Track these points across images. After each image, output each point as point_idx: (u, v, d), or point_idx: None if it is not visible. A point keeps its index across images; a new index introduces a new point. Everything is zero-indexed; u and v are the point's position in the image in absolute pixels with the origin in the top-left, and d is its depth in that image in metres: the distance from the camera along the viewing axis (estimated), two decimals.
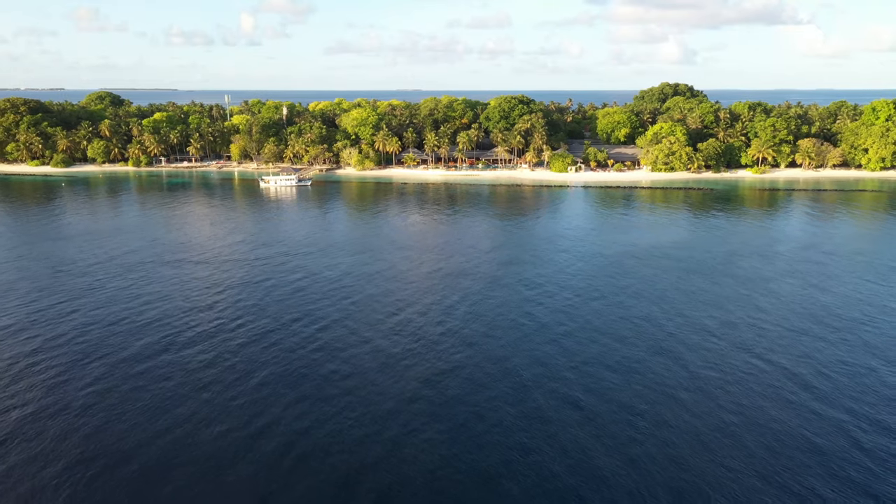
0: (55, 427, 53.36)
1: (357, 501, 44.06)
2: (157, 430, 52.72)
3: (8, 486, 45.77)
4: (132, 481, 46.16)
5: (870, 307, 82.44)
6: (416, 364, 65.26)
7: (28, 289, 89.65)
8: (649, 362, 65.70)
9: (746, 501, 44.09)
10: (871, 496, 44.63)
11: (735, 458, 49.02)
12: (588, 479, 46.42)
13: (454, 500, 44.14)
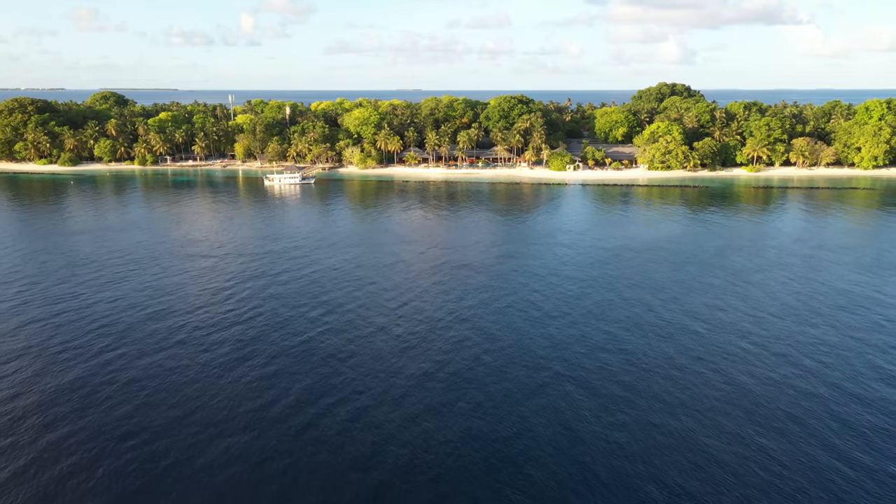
0: (103, 401, 57.33)
1: (381, 461, 48.02)
2: (192, 406, 56.67)
3: (73, 447, 49.71)
4: (192, 439, 50.13)
5: (848, 296, 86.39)
6: (426, 346, 69.19)
7: (51, 281, 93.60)
8: (640, 342, 69.61)
9: (718, 448, 48.00)
10: (835, 452, 48.57)
11: (711, 412, 52.96)
12: (579, 439, 50.31)
13: (464, 462, 48.08)
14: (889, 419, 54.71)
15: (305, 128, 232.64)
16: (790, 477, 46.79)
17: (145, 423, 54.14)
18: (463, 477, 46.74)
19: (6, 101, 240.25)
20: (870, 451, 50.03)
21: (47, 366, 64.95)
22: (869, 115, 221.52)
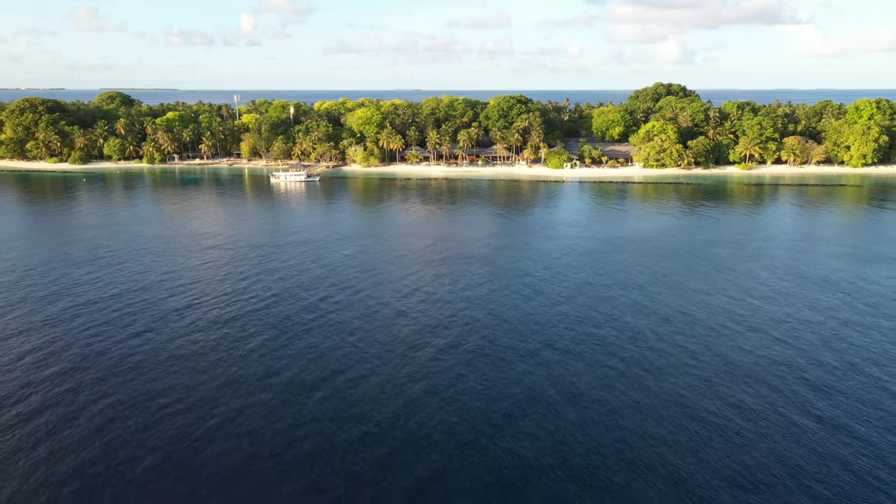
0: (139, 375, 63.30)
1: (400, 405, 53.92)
2: (223, 372, 62.62)
3: (121, 411, 55.64)
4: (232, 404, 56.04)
5: (821, 283, 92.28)
6: (432, 325, 75.10)
7: (78, 272, 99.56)
8: (629, 320, 75.53)
9: (689, 403, 53.89)
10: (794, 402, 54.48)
11: (682, 367, 58.88)
12: (571, 395, 56.17)
13: (471, 414, 53.96)
14: (844, 380, 60.58)
15: (310, 127, 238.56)
16: (755, 421, 52.66)
17: (189, 384, 60.06)
18: (468, 411, 52.66)
19: (17, 101, 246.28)
20: (826, 403, 55.95)
21: (108, 345, 70.90)
22: (859, 115, 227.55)
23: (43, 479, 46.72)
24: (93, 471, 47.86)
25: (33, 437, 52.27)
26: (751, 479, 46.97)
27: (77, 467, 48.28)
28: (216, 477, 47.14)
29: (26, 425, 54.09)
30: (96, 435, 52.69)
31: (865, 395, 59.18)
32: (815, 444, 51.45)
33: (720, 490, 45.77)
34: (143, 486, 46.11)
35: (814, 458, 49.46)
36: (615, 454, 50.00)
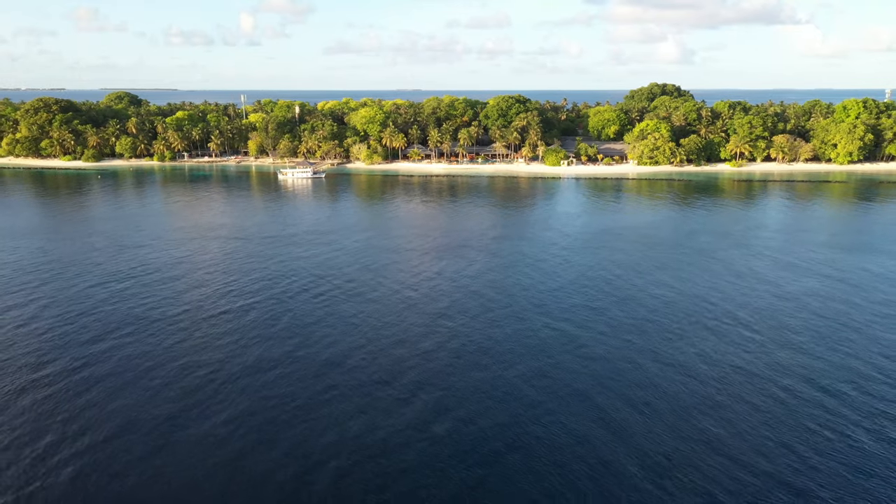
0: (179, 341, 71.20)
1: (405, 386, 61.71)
2: (240, 347, 70.51)
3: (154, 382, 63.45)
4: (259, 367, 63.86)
5: (793, 267, 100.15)
6: (435, 306, 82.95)
7: (107, 260, 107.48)
8: (611, 298, 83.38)
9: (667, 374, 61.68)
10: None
11: (661, 339, 66.70)
12: (567, 370, 64.01)
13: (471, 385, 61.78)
14: (806, 342, 68.50)
15: (315, 126, 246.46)
16: (720, 379, 60.49)
17: (219, 356, 67.92)
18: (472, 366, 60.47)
19: (32, 101, 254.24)
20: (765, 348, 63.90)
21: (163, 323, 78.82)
22: (846, 114, 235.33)
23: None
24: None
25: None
26: (679, 402, 54.79)
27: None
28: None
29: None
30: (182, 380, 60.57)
31: (815, 347, 67.06)
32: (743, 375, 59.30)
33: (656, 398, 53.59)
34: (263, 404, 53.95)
35: (746, 383, 57.26)
36: (596, 380, 57.85)
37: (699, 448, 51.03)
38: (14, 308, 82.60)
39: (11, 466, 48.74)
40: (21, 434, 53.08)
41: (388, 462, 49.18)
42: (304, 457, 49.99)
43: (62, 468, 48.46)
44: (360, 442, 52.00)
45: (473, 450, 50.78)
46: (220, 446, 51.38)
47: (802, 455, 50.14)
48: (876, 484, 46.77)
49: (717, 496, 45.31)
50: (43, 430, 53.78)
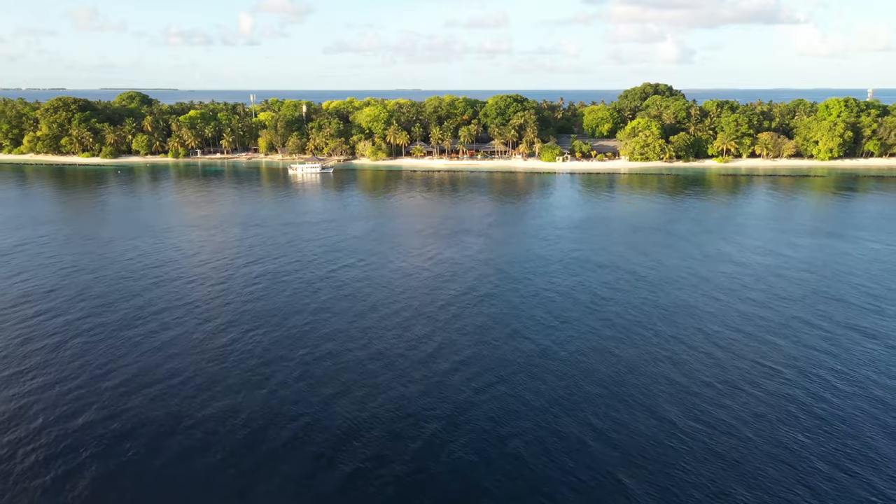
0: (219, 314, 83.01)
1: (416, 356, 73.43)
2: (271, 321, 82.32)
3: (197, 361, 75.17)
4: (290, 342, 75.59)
5: (754, 249, 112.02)
6: (438, 285, 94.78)
7: (146, 244, 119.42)
8: (596, 273, 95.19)
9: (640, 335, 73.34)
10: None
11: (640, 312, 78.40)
12: (549, 311, 75.74)
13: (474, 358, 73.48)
14: (756, 299, 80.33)
15: (322, 124, 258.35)
16: (687, 342, 72.27)
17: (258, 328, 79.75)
18: (476, 331, 72.26)
19: (51, 100, 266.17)
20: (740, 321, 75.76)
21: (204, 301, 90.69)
22: (828, 113, 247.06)
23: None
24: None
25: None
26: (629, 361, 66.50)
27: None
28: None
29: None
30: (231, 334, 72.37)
31: (775, 316, 78.99)
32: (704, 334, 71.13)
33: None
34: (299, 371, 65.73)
35: (694, 336, 69.04)
36: (583, 343, 69.69)
37: (661, 371, 62.74)
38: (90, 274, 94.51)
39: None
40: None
41: (419, 380, 60.95)
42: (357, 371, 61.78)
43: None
44: (395, 356, 63.83)
45: (476, 377, 62.50)
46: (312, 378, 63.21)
47: (737, 384, 61.86)
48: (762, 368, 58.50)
49: (669, 417, 57.01)
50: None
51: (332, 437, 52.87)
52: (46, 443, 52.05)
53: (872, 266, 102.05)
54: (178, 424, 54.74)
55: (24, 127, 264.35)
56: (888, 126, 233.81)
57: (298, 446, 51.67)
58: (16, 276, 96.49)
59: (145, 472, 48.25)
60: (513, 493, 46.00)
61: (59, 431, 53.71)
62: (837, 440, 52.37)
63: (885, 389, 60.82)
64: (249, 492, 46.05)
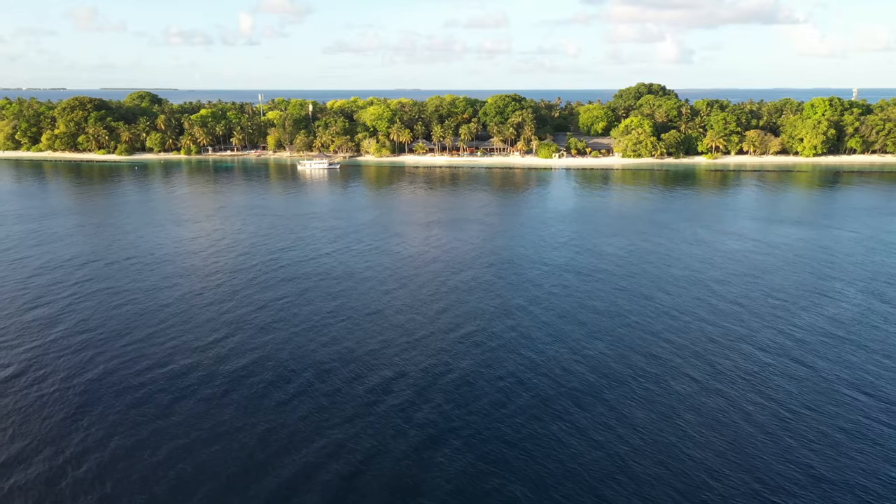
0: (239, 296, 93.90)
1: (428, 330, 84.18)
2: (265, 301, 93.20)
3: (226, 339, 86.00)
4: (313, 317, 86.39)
5: (731, 235, 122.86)
6: (440, 268, 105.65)
7: (176, 231, 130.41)
8: (584, 256, 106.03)
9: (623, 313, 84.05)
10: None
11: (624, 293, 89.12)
12: (544, 287, 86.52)
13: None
14: (724, 277, 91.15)
15: (328, 122, 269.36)
16: (667, 313, 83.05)
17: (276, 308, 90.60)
18: (481, 306, 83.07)
19: (68, 99, 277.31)
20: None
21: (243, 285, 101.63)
22: (814, 111, 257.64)
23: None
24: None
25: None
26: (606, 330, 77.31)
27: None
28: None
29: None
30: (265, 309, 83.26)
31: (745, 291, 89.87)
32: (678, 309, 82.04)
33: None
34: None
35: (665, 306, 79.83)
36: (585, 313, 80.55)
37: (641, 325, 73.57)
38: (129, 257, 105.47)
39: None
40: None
41: (432, 338, 71.80)
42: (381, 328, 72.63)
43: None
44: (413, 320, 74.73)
45: (477, 331, 73.38)
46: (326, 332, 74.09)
47: (712, 335, 72.69)
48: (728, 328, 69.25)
49: (631, 359, 67.80)
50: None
51: (386, 365, 63.82)
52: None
53: (829, 249, 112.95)
54: (270, 359, 65.69)
55: (42, 125, 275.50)
56: (870, 124, 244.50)
57: (366, 373, 62.63)
58: (82, 255, 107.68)
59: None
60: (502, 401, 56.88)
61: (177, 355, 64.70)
62: (735, 356, 63.30)
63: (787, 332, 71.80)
64: (333, 405, 56.89)
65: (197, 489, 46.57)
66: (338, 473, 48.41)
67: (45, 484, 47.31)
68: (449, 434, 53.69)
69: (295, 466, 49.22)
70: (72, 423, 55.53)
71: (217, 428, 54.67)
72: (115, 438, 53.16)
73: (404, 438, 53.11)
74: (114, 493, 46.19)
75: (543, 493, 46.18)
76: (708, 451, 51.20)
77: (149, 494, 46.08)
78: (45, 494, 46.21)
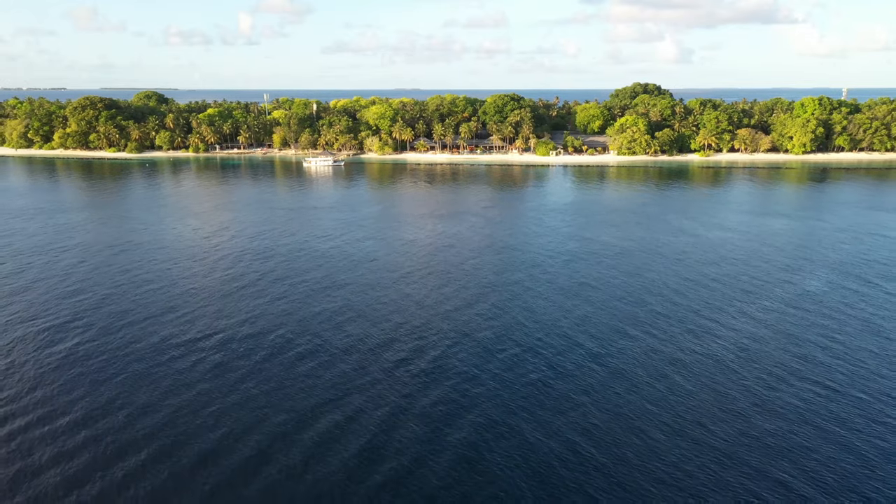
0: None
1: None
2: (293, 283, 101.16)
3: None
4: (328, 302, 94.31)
5: (714, 225, 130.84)
6: (445, 252, 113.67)
7: (195, 223, 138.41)
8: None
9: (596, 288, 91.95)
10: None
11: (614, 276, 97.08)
12: (541, 268, 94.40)
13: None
14: (706, 261, 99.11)
15: (332, 121, 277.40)
16: (649, 289, 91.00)
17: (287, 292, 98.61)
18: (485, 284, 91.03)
19: (80, 99, 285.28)
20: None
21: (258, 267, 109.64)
22: (803, 110, 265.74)
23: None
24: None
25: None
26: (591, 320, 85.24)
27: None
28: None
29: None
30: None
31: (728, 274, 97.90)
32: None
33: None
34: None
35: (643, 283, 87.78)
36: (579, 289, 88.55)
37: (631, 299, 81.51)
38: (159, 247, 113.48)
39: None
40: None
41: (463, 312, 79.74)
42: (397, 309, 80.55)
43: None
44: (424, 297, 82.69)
45: (477, 301, 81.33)
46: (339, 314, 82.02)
47: (690, 309, 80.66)
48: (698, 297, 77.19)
49: (623, 329, 75.78)
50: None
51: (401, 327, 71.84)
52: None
53: (803, 237, 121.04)
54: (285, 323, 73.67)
55: (53, 124, 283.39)
56: (857, 123, 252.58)
57: (391, 340, 70.67)
58: (119, 243, 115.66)
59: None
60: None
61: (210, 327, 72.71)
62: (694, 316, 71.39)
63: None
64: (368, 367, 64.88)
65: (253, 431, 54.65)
66: (374, 418, 56.50)
67: (122, 429, 55.43)
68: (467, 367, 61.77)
69: (336, 411, 57.30)
70: (139, 382, 63.63)
71: (263, 385, 62.72)
72: (174, 396, 61.23)
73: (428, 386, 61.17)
74: (186, 433, 54.26)
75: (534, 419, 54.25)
76: (689, 395, 59.28)
77: (209, 437, 54.11)
78: (122, 440, 54.27)
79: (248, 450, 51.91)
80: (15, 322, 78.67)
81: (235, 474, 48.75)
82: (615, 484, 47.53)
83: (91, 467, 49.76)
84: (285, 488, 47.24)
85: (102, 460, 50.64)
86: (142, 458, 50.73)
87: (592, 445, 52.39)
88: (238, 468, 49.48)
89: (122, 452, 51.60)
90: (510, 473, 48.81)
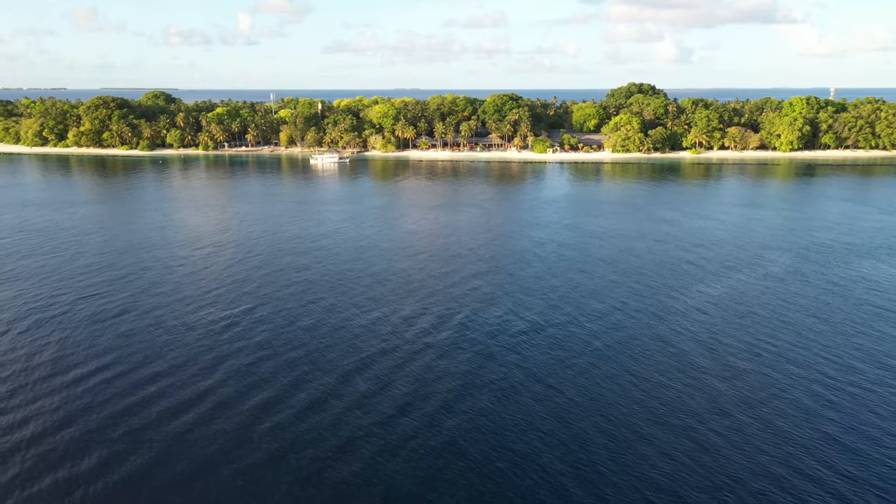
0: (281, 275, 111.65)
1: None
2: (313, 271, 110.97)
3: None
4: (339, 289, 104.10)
5: (696, 216, 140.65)
6: (447, 239, 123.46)
7: (213, 216, 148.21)
8: (571, 233, 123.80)
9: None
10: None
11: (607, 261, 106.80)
12: (536, 261, 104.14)
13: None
14: (688, 247, 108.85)
15: (337, 120, 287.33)
16: (643, 284, 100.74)
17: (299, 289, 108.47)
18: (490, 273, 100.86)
19: (93, 98, 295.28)
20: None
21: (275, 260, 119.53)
22: (792, 109, 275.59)
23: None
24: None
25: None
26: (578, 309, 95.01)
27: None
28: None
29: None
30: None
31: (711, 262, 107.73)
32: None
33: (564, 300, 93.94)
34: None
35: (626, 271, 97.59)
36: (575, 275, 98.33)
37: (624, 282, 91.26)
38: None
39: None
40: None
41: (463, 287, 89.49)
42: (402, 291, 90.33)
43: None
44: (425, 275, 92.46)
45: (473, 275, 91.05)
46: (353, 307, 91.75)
47: (675, 291, 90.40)
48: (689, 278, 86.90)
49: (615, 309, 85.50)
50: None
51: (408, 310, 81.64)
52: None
53: (777, 226, 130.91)
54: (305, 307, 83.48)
55: (68, 123, 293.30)
56: (842, 121, 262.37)
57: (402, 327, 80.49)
58: (155, 230, 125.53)
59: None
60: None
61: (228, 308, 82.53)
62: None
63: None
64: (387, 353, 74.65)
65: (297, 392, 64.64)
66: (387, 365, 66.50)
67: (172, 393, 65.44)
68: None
69: (353, 361, 67.27)
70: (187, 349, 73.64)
71: (289, 343, 72.70)
72: (224, 366, 71.25)
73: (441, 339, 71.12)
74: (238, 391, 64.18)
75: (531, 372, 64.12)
76: (665, 352, 69.23)
77: (256, 397, 64.07)
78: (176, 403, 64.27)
79: (301, 402, 61.87)
80: (67, 285, 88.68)
81: (291, 418, 58.69)
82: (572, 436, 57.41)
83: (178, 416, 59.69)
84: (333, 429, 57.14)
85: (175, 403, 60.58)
86: (205, 407, 60.66)
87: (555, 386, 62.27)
88: (295, 415, 59.40)
89: (195, 395, 61.56)
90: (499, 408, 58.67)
